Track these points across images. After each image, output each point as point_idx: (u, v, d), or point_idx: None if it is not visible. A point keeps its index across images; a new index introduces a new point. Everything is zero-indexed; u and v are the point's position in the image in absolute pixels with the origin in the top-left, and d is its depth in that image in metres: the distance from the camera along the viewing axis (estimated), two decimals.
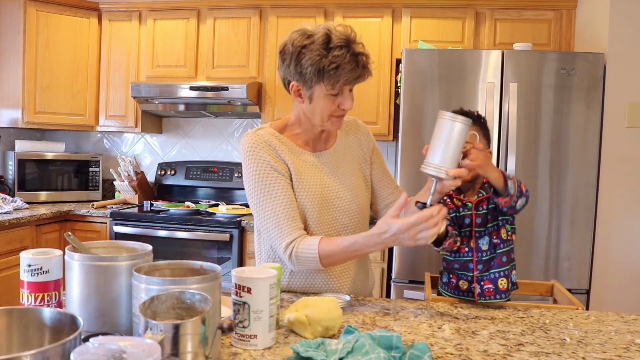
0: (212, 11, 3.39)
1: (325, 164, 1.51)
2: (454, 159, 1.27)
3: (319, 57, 1.31)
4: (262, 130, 1.49)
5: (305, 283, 1.50)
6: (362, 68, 1.34)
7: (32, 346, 0.84)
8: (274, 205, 1.40)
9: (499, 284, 1.50)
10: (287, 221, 1.39)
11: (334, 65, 1.30)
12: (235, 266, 2.98)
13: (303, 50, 1.33)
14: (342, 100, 1.38)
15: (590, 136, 2.56)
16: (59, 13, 3.42)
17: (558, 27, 3.06)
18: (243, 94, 3.16)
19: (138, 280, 0.94)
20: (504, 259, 1.53)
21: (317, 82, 1.35)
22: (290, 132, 1.51)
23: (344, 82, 1.34)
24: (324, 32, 1.32)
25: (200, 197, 3.71)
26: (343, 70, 1.31)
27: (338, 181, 1.50)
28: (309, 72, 1.33)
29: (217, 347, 0.94)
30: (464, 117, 1.26)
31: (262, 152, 1.43)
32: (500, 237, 1.53)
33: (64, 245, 3.06)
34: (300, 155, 1.48)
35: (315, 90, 1.37)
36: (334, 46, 1.30)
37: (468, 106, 2.59)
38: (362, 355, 0.92)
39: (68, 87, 3.48)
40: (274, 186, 1.41)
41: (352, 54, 1.31)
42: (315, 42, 1.32)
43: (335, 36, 1.31)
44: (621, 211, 2.57)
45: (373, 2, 3.19)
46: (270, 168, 1.42)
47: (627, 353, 1.10)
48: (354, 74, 1.33)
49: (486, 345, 1.12)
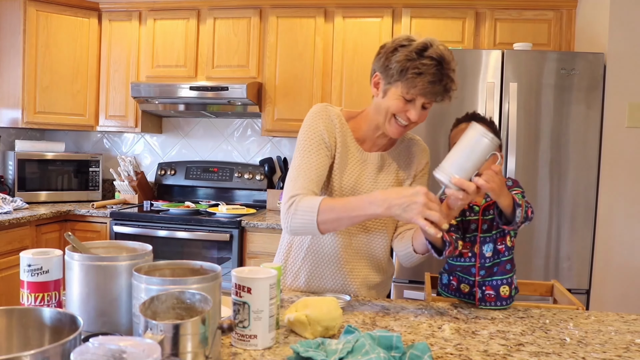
0: (212, 11, 3.39)
1: (369, 165, 1.51)
2: (467, 172, 1.24)
3: (408, 59, 1.31)
4: (332, 108, 1.50)
5: (313, 282, 1.51)
6: (443, 89, 1.33)
7: (32, 346, 0.84)
8: (302, 163, 1.41)
9: (501, 291, 1.48)
10: (306, 179, 1.38)
11: (417, 70, 1.30)
12: (235, 266, 2.99)
13: (399, 48, 1.34)
14: (412, 109, 1.36)
15: (590, 136, 2.56)
16: (59, 13, 3.42)
17: (558, 27, 3.06)
18: (243, 94, 3.16)
19: (138, 280, 0.94)
20: (508, 267, 1.50)
21: (396, 81, 1.34)
22: (354, 124, 1.52)
23: (419, 91, 1.32)
24: (423, 41, 1.32)
25: (200, 197, 3.71)
26: (423, 79, 1.30)
27: (373, 185, 1.50)
28: (394, 68, 1.34)
29: (217, 347, 0.94)
30: (493, 136, 1.25)
31: (320, 122, 1.45)
32: (505, 244, 1.50)
33: (64, 245, 3.06)
34: (351, 146, 1.49)
35: (392, 87, 1.37)
36: (427, 55, 1.30)
37: (468, 106, 2.61)
38: (362, 355, 0.92)
39: (68, 87, 3.48)
40: (312, 151, 1.42)
41: (440, 70, 1.30)
42: (412, 46, 1.32)
43: (433, 49, 1.31)
44: (621, 211, 2.57)
45: (373, 2, 3.19)
46: (320, 138, 1.43)
47: (627, 353, 1.10)
48: (431, 88, 1.31)
49: (486, 345, 1.12)
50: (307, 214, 1.31)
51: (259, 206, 3.55)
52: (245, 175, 3.58)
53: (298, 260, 1.54)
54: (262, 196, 3.61)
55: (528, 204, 1.41)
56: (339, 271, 1.51)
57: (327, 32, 3.26)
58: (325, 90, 3.27)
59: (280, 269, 1.20)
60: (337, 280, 1.51)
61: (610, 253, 2.58)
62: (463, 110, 2.61)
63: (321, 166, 1.42)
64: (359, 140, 1.51)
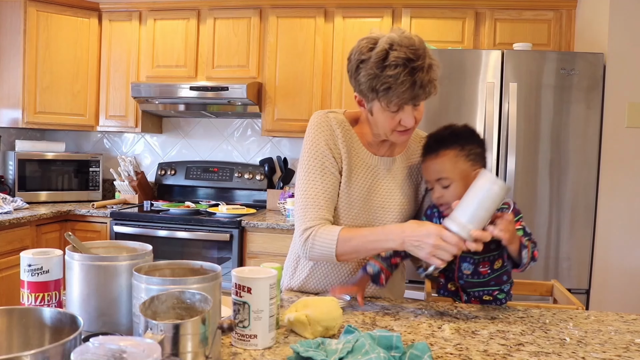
0: (212, 11, 3.40)
1: (381, 170, 1.46)
2: (481, 222, 1.22)
3: (372, 76, 1.25)
4: (334, 114, 1.44)
5: (323, 284, 1.50)
6: (420, 88, 1.24)
7: (32, 346, 0.84)
8: (310, 188, 1.38)
9: (484, 298, 1.48)
10: (316, 207, 1.37)
11: (385, 86, 1.23)
12: (235, 266, 2.99)
13: (361, 65, 1.28)
14: (403, 117, 1.30)
15: (590, 136, 2.56)
16: (59, 13, 3.42)
17: (558, 27, 3.06)
18: (243, 94, 3.16)
19: (138, 280, 0.94)
20: (492, 283, 1.46)
21: (373, 99, 1.30)
22: (360, 128, 1.47)
23: (399, 102, 1.27)
24: (382, 48, 1.24)
25: (200, 197, 3.71)
26: (395, 92, 1.24)
27: (387, 191, 1.46)
28: (364, 88, 1.29)
29: (217, 347, 0.94)
30: (502, 183, 1.22)
31: (321, 136, 1.41)
32: (491, 267, 1.43)
33: (64, 245, 3.06)
34: (360, 153, 1.45)
35: (374, 105, 1.32)
36: (389, 64, 1.22)
37: (468, 106, 2.61)
38: (362, 355, 0.93)
39: (68, 87, 3.48)
40: (317, 173, 1.39)
41: (409, 73, 1.22)
42: (371, 58, 1.25)
43: (395, 53, 1.22)
44: (621, 211, 2.57)
45: (373, 2, 3.20)
46: (322, 156, 1.39)
47: (627, 353, 1.10)
48: (409, 94, 1.24)
49: (486, 345, 1.12)
50: (324, 248, 1.33)
51: (259, 206, 3.56)
52: (246, 175, 3.58)
53: (307, 268, 1.53)
54: (262, 196, 3.61)
55: (534, 244, 1.37)
56: (350, 275, 1.50)
57: (327, 32, 3.26)
58: (325, 90, 3.27)
59: (281, 269, 1.20)
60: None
61: (610, 253, 2.58)
62: (463, 110, 2.63)
63: (329, 189, 1.39)
64: (367, 145, 1.47)
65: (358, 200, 1.44)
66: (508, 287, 1.51)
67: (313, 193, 1.38)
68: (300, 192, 1.41)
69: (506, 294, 1.50)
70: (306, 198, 1.38)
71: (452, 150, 1.38)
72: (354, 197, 1.43)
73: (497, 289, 1.48)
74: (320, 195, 1.38)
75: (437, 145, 1.40)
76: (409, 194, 1.50)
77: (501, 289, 1.49)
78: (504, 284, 1.48)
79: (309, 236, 1.35)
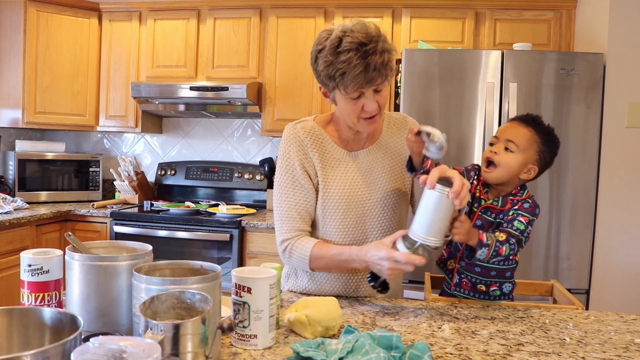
0: (212, 11, 3.40)
1: (357, 164, 1.47)
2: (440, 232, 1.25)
3: (328, 63, 1.28)
4: (303, 124, 1.49)
5: (324, 286, 1.51)
6: (374, 71, 1.25)
7: (33, 346, 0.84)
8: (283, 202, 1.45)
9: (478, 287, 1.50)
10: (290, 220, 1.44)
11: (340, 71, 1.26)
12: (235, 266, 2.99)
13: (318, 55, 1.32)
14: (366, 102, 1.32)
15: (590, 136, 2.56)
16: (59, 13, 3.42)
17: (558, 27, 3.06)
18: (243, 94, 3.16)
19: (138, 280, 0.94)
20: (493, 273, 1.49)
21: (333, 88, 1.33)
22: (332, 128, 1.50)
23: (355, 88, 1.28)
24: (337, 35, 1.27)
25: (200, 197, 3.71)
26: (349, 76, 1.25)
27: (368, 183, 1.47)
28: (323, 77, 1.32)
29: (217, 347, 0.94)
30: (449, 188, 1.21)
31: (291, 150, 1.46)
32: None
33: (64, 245, 3.06)
34: (333, 152, 1.47)
35: (336, 94, 1.35)
36: (342, 50, 1.25)
37: (467, 106, 2.61)
38: (362, 355, 0.93)
39: (68, 87, 3.48)
40: (288, 187, 1.46)
41: (361, 56, 1.24)
42: (326, 47, 1.28)
43: (348, 39, 1.25)
44: (621, 211, 2.57)
45: (373, 2, 3.20)
46: (292, 169, 1.45)
47: (627, 353, 1.10)
48: (364, 77, 1.26)
49: (486, 345, 1.12)
50: (300, 261, 1.42)
51: (259, 206, 3.56)
52: (246, 175, 3.58)
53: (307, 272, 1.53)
54: (262, 196, 3.62)
55: (513, 247, 1.39)
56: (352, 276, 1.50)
57: None
58: None
59: (281, 269, 1.20)
60: (349, 285, 1.51)
61: (610, 253, 2.58)
62: (463, 110, 2.63)
63: (301, 201, 1.45)
64: (342, 143, 1.49)
65: (342, 199, 1.45)
66: (510, 288, 1.52)
67: (286, 206, 1.45)
68: (275, 206, 1.48)
69: (506, 294, 1.52)
70: (281, 211, 1.46)
71: (538, 137, 1.46)
72: (337, 197, 1.45)
73: (497, 282, 1.49)
74: (293, 208, 1.44)
75: (534, 123, 1.47)
76: (395, 179, 1.50)
77: (500, 287, 1.50)
78: (506, 280, 1.50)
79: (285, 248, 1.44)
